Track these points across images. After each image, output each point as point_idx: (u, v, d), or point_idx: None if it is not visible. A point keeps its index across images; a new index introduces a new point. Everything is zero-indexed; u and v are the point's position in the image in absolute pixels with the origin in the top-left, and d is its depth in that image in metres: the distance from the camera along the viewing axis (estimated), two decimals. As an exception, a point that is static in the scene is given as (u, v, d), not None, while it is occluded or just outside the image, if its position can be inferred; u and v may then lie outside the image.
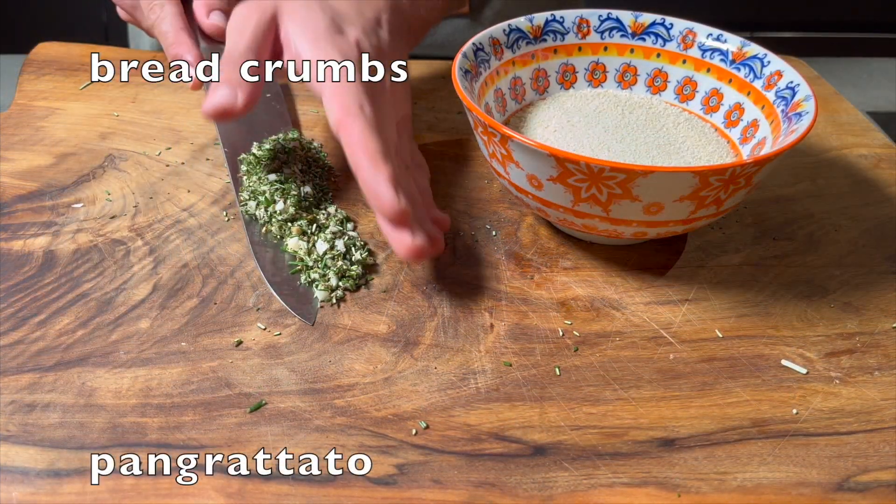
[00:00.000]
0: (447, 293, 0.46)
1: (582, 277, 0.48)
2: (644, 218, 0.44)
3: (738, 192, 0.44)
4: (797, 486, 0.37)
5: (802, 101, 0.48)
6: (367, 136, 0.41)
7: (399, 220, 0.40)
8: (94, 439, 0.37)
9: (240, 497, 0.35)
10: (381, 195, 0.40)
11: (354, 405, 0.39)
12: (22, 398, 0.39)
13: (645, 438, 0.39)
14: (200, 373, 0.41)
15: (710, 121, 0.55)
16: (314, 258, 0.47)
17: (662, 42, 0.56)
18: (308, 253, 0.47)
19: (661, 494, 0.36)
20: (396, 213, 0.40)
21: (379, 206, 0.40)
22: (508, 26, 0.54)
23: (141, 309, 0.44)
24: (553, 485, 0.36)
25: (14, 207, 0.51)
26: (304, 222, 0.49)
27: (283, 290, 0.45)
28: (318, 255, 0.47)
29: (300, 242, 0.48)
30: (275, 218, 0.49)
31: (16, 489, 0.35)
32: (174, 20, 0.51)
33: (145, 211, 0.51)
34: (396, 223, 0.40)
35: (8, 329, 0.42)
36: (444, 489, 0.36)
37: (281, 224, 0.49)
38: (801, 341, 0.45)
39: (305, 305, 0.45)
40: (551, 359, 0.43)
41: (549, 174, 0.43)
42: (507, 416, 0.39)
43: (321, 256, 0.47)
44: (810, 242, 0.52)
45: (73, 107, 0.61)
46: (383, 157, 0.40)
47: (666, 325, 0.45)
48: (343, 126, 0.41)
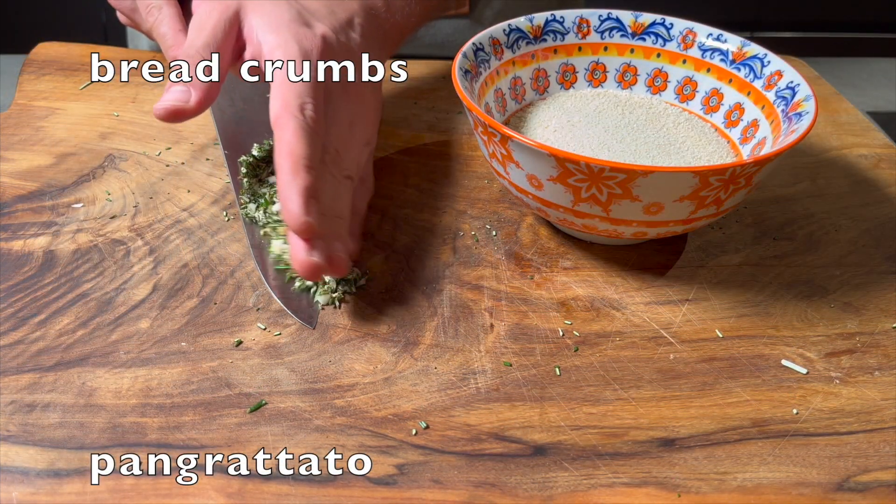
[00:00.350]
0: (447, 293, 0.46)
1: (582, 277, 0.48)
2: (644, 218, 0.44)
3: (738, 192, 0.44)
4: (797, 486, 0.37)
5: (802, 101, 0.48)
6: (296, 140, 0.40)
7: (300, 232, 0.39)
8: (94, 439, 0.37)
9: (240, 497, 0.35)
10: (289, 203, 0.39)
11: (354, 405, 0.39)
12: (22, 398, 0.39)
13: (645, 438, 0.39)
14: (200, 373, 0.41)
15: (711, 121, 0.55)
16: None
17: (662, 42, 0.56)
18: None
19: (661, 494, 0.36)
20: (299, 225, 0.39)
21: (285, 214, 0.40)
22: (508, 26, 0.54)
23: (141, 309, 0.44)
24: (553, 485, 0.36)
25: (14, 207, 0.51)
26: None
27: (284, 293, 0.45)
28: None
29: (284, 245, 0.47)
30: (271, 220, 0.49)
31: (16, 489, 0.35)
32: (172, 22, 0.51)
33: (145, 211, 0.51)
34: (298, 234, 0.40)
35: (8, 329, 0.42)
36: (444, 489, 0.36)
37: (276, 226, 0.49)
38: (802, 341, 0.45)
39: (306, 308, 0.45)
40: (551, 359, 0.43)
41: (549, 174, 0.43)
42: (507, 416, 0.39)
43: None
44: (810, 242, 0.52)
45: (73, 107, 0.61)
46: (306, 165, 0.40)
47: (666, 325, 0.45)
48: (278, 124, 0.41)
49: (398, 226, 0.52)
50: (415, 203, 0.54)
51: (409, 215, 0.53)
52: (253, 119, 0.58)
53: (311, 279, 0.41)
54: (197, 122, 0.60)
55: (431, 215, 0.53)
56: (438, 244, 0.50)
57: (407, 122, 0.63)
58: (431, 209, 0.53)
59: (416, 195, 0.54)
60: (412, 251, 0.49)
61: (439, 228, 0.52)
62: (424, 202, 0.54)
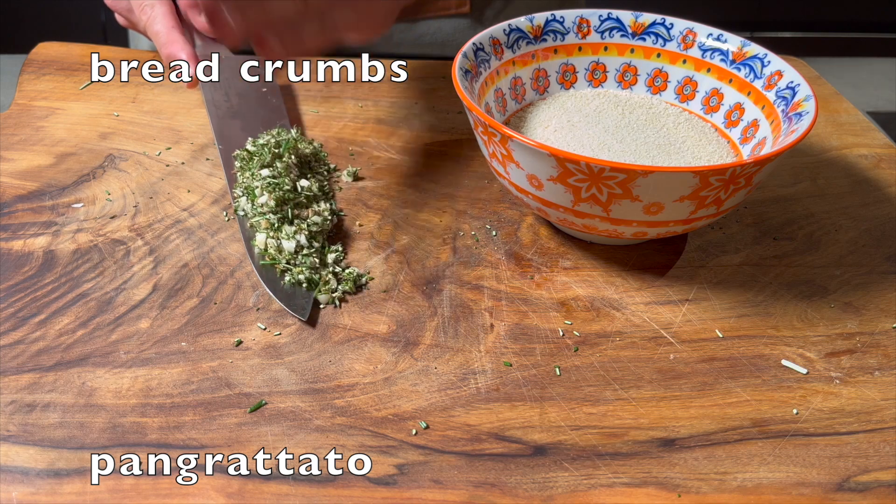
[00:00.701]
0: (447, 293, 0.46)
1: (582, 277, 0.48)
2: (644, 218, 0.44)
3: (739, 192, 0.44)
4: (797, 486, 0.37)
5: (803, 101, 0.48)
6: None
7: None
8: (94, 439, 0.37)
9: (240, 497, 0.35)
10: None
11: (354, 405, 0.39)
12: (22, 398, 0.39)
13: (645, 438, 0.39)
14: (200, 373, 0.41)
15: (711, 121, 0.55)
16: (286, 256, 0.46)
17: (663, 42, 0.56)
18: (279, 250, 0.47)
19: (661, 494, 0.36)
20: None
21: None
22: (508, 26, 0.54)
23: (141, 309, 0.44)
24: (553, 485, 0.36)
25: (14, 207, 0.51)
26: (274, 218, 0.48)
27: (276, 286, 0.45)
28: (288, 254, 0.46)
29: (269, 240, 0.47)
30: (257, 212, 0.48)
31: (16, 489, 0.35)
32: (165, 20, 0.51)
33: (145, 211, 0.51)
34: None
35: (8, 329, 0.42)
36: (444, 489, 0.36)
37: (260, 219, 0.48)
38: (802, 341, 0.45)
39: (298, 300, 0.45)
40: (551, 359, 0.43)
41: (550, 174, 0.43)
42: (507, 416, 0.39)
43: (293, 255, 0.46)
44: (810, 242, 0.52)
45: (73, 107, 0.61)
46: None
47: (666, 325, 0.45)
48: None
49: (398, 226, 0.52)
50: (415, 203, 0.54)
51: (409, 215, 0.53)
52: (247, 114, 0.58)
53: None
54: (197, 123, 0.60)
55: (431, 215, 0.53)
56: (438, 244, 0.50)
57: (407, 122, 0.63)
58: (431, 209, 0.53)
59: (416, 195, 0.54)
60: (412, 251, 0.49)
61: (439, 228, 0.52)
62: (424, 202, 0.54)
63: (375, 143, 0.60)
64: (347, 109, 0.64)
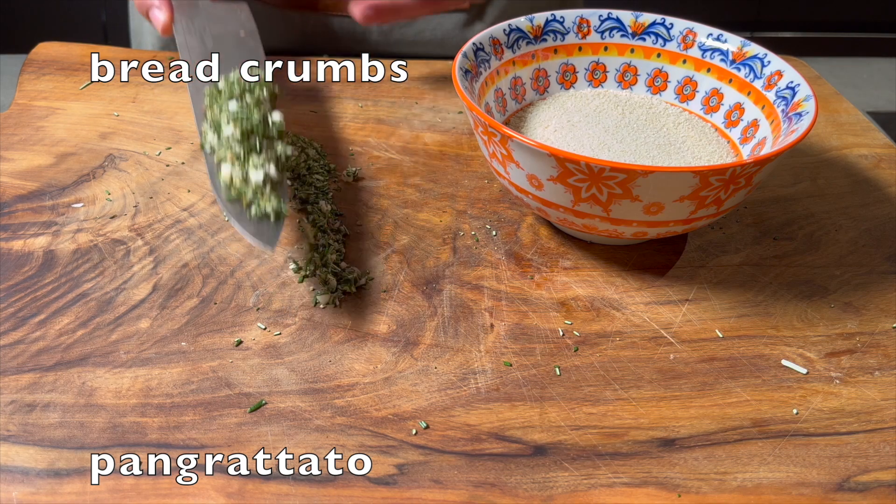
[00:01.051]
0: (447, 293, 0.46)
1: (582, 277, 0.48)
2: (644, 218, 0.44)
3: (739, 192, 0.44)
4: (797, 486, 0.37)
5: (803, 101, 0.48)
6: None
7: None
8: (94, 439, 0.37)
9: (240, 497, 0.35)
10: None
11: (354, 405, 0.39)
12: (22, 398, 0.39)
13: (645, 438, 0.39)
14: (200, 373, 0.41)
15: (711, 121, 0.55)
16: (253, 188, 0.43)
17: (663, 42, 0.56)
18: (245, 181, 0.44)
19: (661, 494, 0.36)
20: None
21: None
22: (508, 26, 0.54)
23: (141, 309, 0.44)
24: (553, 485, 0.36)
25: (14, 207, 0.51)
26: (239, 148, 0.45)
27: (240, 218, 0.43)
28: (256, 185, 0.43)
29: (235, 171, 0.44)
30: (224, 144, 0.45)
31: (16, 489, 0.35)
32: None
33: (145, 211, 0.51)
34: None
35: (8, 329, 0.42)
36: (444, 489, 0.36)
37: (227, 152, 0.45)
38: (802, 341, 0.45)
39: (266, 233, 0.42)
40: (551, 359, 0.43)
41: (550, 174, 0.43)
42: (507, 416, 0.39)
43: (261, 186, 0.43)
44: (810, 242, 0.52)
45: (73, 107, 0.61)
46: None
47: (666, 325, 0.45)
48: None
49: (398, 226, 0.52)
50: (415, 203, 0.54)
51: (409, 215, 0.53)
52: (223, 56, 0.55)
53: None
54: (197, 122, 0.60)
55: (431, 215, 0.53)
56: (438, 244, 0.50)
57: (407, 122, 0.63)
58: (431, 209, 0.53)
59: (416, 195, 0.54)
60: (412, 251, 0.49)
61: (439, 228, 0.52)
62: (424, 202, 0.54)
63: (375, 143, 0.60)
64: (347, 109, 0.64)
